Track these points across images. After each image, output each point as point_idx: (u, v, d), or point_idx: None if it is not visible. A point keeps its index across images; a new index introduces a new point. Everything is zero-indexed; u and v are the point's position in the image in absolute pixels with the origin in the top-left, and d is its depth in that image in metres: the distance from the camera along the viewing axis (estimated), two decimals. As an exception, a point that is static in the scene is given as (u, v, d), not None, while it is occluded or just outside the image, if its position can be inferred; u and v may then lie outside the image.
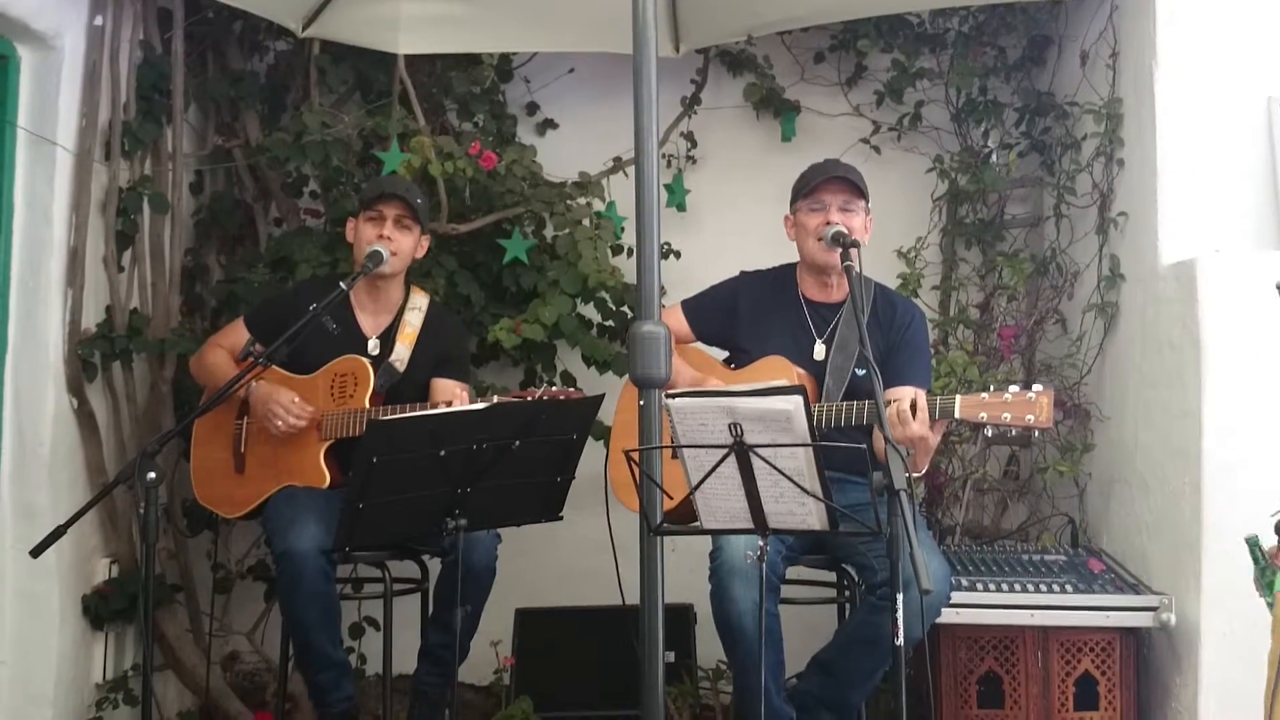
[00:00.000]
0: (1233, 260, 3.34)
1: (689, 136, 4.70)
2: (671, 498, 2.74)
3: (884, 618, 2.43)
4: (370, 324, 3.68)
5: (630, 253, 4.25)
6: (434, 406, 3.40)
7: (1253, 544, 2.83)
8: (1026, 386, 3.01)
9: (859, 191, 3.35)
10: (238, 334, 3.67)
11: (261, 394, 3.54)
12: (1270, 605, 2.77)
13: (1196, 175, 3.56)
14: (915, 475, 3.15)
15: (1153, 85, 3.64)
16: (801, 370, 3.34)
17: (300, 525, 3.26)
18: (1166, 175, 3.59)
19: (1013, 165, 4.42)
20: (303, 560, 3.22)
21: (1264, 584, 2.83)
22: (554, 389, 3.36)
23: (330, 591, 3.34)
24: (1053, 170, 4.39)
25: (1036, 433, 3.04)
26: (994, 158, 4.52)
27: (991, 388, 3.06)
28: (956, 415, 3.02)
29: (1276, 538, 2.67)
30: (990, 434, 3.08)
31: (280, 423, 3.49)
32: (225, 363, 3.64)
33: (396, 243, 3.57)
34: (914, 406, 2.99)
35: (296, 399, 3.51)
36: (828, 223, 3.29)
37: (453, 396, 3.44)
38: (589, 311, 4.36)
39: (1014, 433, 3.04)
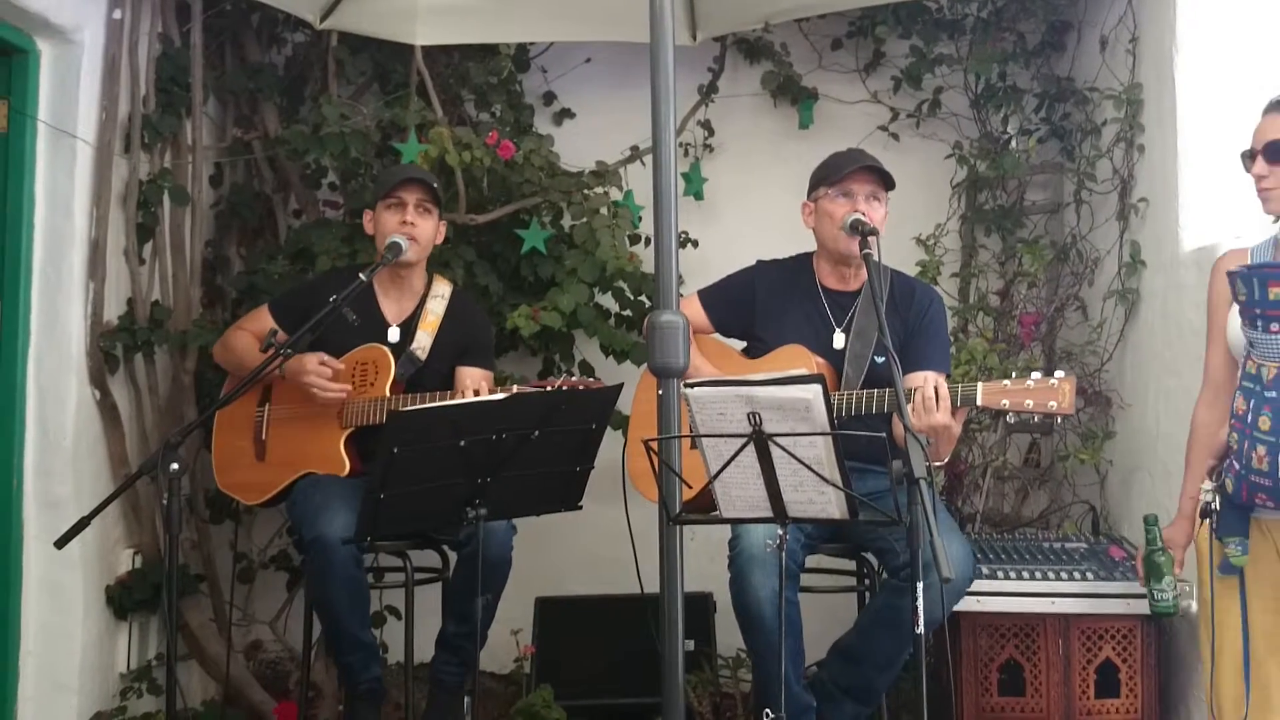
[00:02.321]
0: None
1: (706, 125, 4.69)
2: (690, 487, 2.75)
3: (907, 599, 2.43)
4: (394, 311, 3.69)
5: (648, 242, 4.25)
6: (457, 395, 3.40)
7: (1151, 522, 2.88)
8: (1048, 373, 3.00)
9: (887, 182, 3.33)
10: (261, 321, 3.69)
11: (292, 369, 3.49)
12: (1152, 593, 2.96)
13: (1217, 160, 3.53)
14: (937, 465, 3.15)
15: (1173, 70, 3.62)
16: (820, 359, 3.34)
17: (331, 512, 3.28)
18: (1187, 161, 3.57)
19: (1032, 151, 4.40)
20: (335, 547, 3.24)
21: (1150, 566, 2.93)
22: (573, 379, 3.36)
23: (360, 576, 3.36)
24: (1073, 156, 4.37)
25: (1059, 419, 3.03)
26: (1013, 144, 4.50)
27: (1014, 375, 3.05)
28: (979, 403, 3.00)
29: (1201, 520, 2.70)
30: (1012, 421, 3.06)
31: (316, 389, 3.48)
32: (251, 345, 3.63)
33: (419, 228, 3.57)
34: (937, 394, 2.98)
35: (324, 357, 3.49)
36: (854, 210, 3.28)
37: (476, 386, 3.44)
38: (607, 301, 4.36)
39: (1036, 419, 3.03)
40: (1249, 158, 2.75)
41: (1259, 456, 2.46)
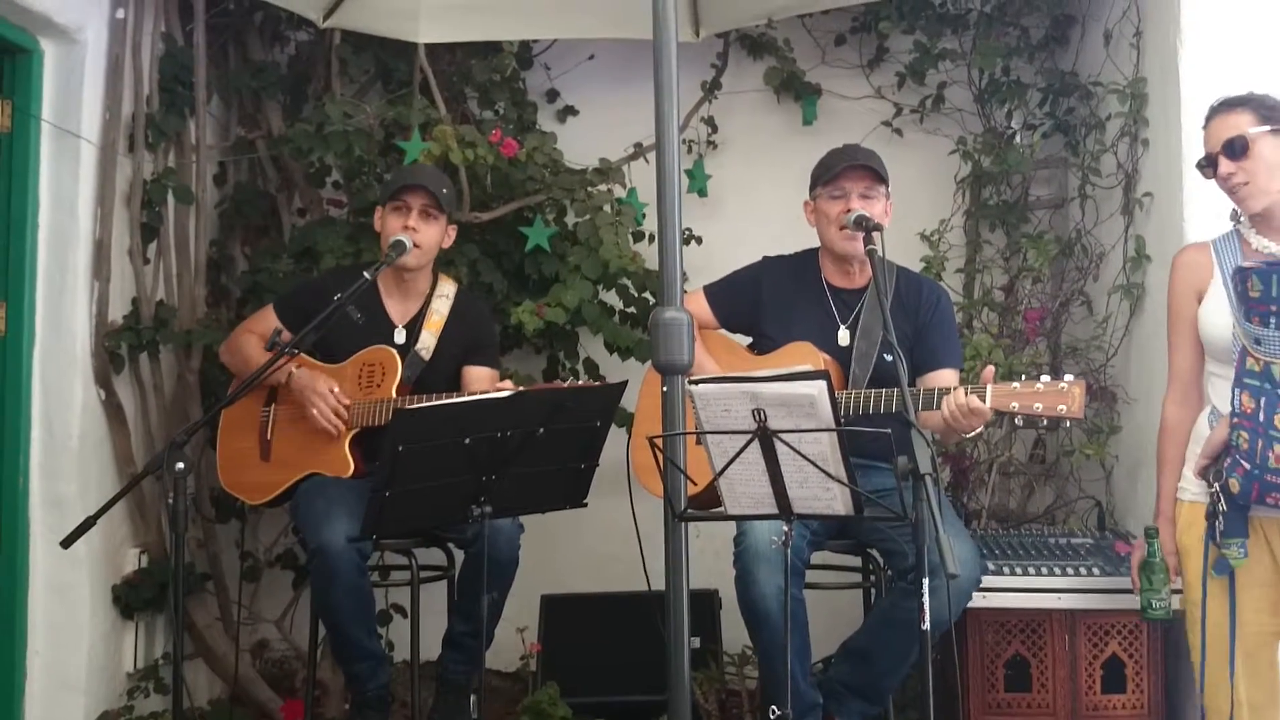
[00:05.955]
0: (1260, 240, 3.31)
1: (709, 121, 4.69)
2: (695, 483, 2.74)
3: (915, 602, 2.43)
4: (398, 312, 3.68)
5: (652, 239, 4.24)
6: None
7: (1152, 534, 2.89)
8: (1058, 376, 2.99)
9: (879, 177, 3.33)
10: (267, 320, 3.68)
11: (301, 382, 3.52)
12: (1150, 601, 2.97)
13: (1222, 154, 3.53)
14: (971, 435, 3.14)
15: (1177, 64, 3.60)
16: (827, 356, 3.33)
17: (333, 520, 3.26)
18: (1191, 155, 3.54)
19: (1037, 146, 4.40)
20: (338, 555, 3.22)
21: (1148, 574, 2.97)
22: (579, 383, 3.36)
23: (364, 584, 3.35)
24: (1077, 151, 4.36)
25: (1068, 422, 3.01)
26: (1018, 139, 4.50)
27: (1023, 377, 3.04)
28: (988, 405, 3.00)
29: (1207, 522, 2.70)
30: (1020, 423, 3.05)
31: (316, 411, 3.48)
32: (256, 347, 3.63)
33: (422, 233, 3.55)
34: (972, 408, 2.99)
35: (335, 388, 3.49)
36: (849, 210, 3.27)
37: (489, 387, 3.43)
38: (611, 298, 4.35)
39: (1044, 422, 3.02)
40: (1208, 165, 2.77)
41: (1276, 455, 2.46)
